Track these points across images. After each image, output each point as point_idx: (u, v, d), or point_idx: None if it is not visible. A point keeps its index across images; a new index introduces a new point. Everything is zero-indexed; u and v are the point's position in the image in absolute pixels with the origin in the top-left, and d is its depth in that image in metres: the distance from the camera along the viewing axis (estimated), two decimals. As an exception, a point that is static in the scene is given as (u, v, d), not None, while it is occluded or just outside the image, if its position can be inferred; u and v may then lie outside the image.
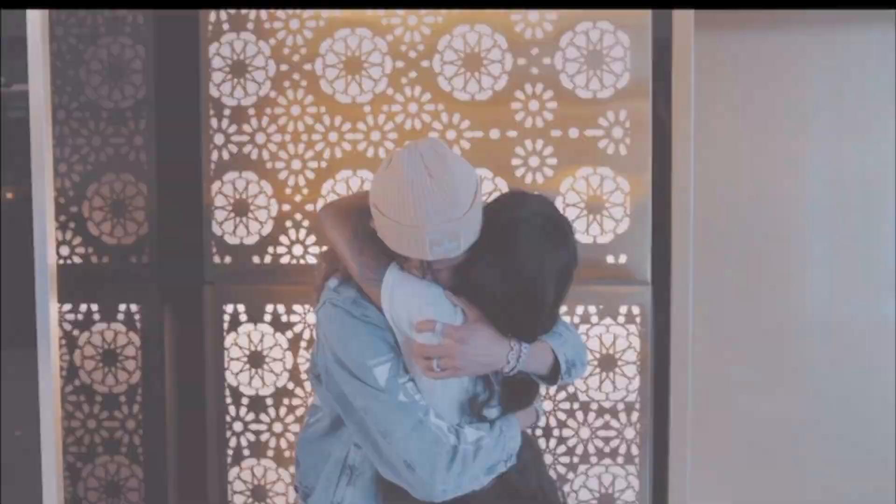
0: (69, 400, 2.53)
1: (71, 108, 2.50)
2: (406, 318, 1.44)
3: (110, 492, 2.55)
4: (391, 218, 1.37)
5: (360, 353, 1.44)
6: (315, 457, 1.64)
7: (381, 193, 1.39)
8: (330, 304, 1.49)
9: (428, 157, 1.38)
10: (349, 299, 1.47)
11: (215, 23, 2.42)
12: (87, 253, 2.53)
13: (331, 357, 1.48)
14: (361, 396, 1.44)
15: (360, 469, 1.57)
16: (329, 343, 1.48)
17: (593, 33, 2.32)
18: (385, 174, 1.40)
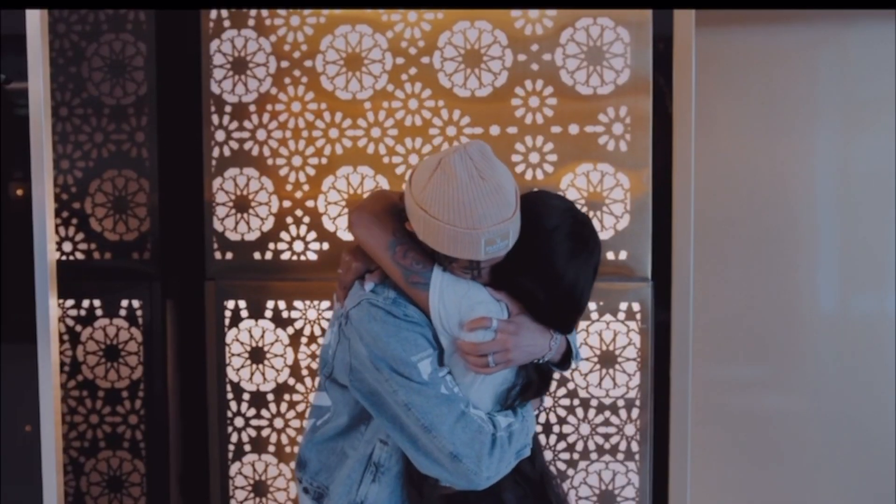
0: (72, 395, 2.54)
1: (73, 104, 2.51)
2: (457, 319, 1.49)
3: (113, 486, 2.56)
4: (445, 222, 1.40)
5: (403, 350, 1.47)
6: (328, 456, 1.65)
7: (435, 198, 1.41)
8: (369, 304, 1.50)
9: (477, 159, 1.42)
10: (389, 299, 1.50)
11: (216, 19, 2.42)
12: (90, 249, 2.54)
13: (365, 355, 1.49)
14: (404, 392, 1.46)
15: (387, 466, 1.58)
16: (365, 342, 1.49)
17: (594, 29, 2.32)
18: (438, 179, 1.41)
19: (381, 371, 1.47)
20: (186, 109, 2.51)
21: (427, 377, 1.46)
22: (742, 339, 2.67)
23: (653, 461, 2.38)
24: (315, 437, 1.66)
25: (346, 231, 2.41)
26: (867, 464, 2.63)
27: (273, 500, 2.49)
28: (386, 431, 1.55)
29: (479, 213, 1.39)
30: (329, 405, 1.64)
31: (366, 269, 1.55)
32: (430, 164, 1.45)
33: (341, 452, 1.63)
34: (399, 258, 1.49)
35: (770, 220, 2.64)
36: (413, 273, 1.49)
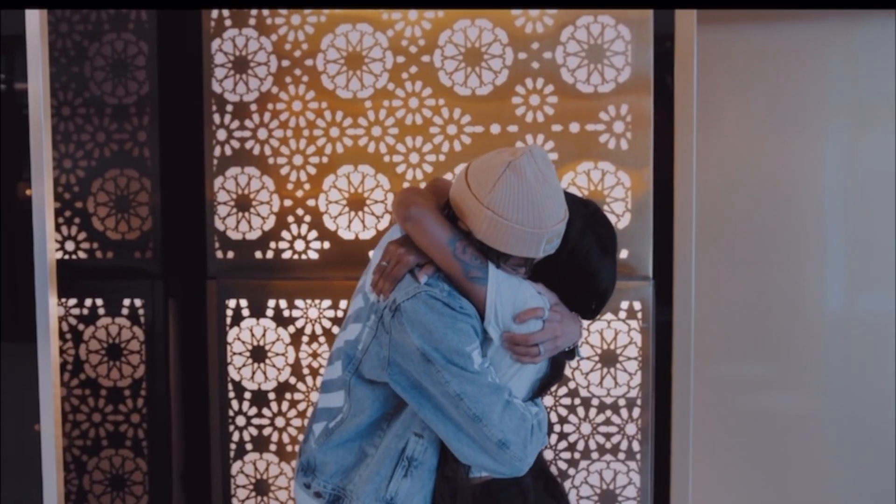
0: (74, 394, 2.55)
1: (75, 104, 2.52)
2: (511, 312, 1.54)
3: (115, 485, 2.57)
4: (514, 222, 1.47)
5: (460, 341, 1.51)
6: (346, 457, 1.64)
7: (506, 200, 1.48)
8: (427, 296, 1.52)
9: (541, 162, 1.49)
10: (446, 291, 1.54)
11: (217, 19, 2.43)
12: (92, 248, 2.54)
13: (416, 347, 1.51)
14: (457, 382, 1.50)
15: (421, 459, 1.60)
16: (419, 333, 1.51)
17: (594, 27, 2.31)
18: (507, 181, 1.48)
19: (433, 362, 1.50)
20: (188, 109, 2.52)
21: (478, 367, 1.51)
22: (744, 338, 2.66)
23: (654, 461, 2.38)
24: (330, 440, 1.65)
25: (347, 229, 2.42)
26: (871, 463, 2.62)
27: (274, 498, 2.49)
28: (422, 424, 1.58)
29: (545, 213, 1.48)
30: (341, 406, 1.64)
31: (417, 262, 1.58)
32: (493, 165, 1.51)
33: (360, 452, 1.63)
34: (459, 254, 1.54)
35: (776, 219, 2.63)
36: (472, 268, 1.54)
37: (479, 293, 1.54)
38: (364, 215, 2.41)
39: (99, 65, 2.52)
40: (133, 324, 2.54)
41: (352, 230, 2.42)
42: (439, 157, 2.37)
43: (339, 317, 2.42)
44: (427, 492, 1.62)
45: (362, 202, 2.41)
